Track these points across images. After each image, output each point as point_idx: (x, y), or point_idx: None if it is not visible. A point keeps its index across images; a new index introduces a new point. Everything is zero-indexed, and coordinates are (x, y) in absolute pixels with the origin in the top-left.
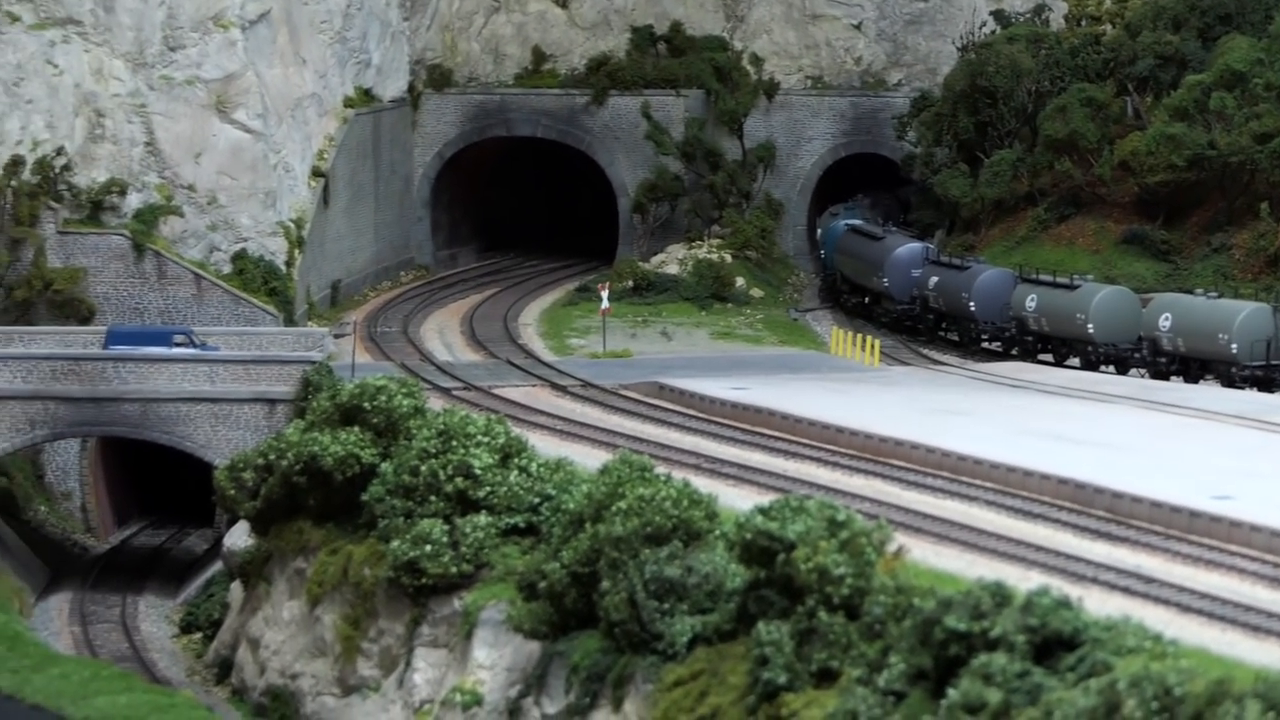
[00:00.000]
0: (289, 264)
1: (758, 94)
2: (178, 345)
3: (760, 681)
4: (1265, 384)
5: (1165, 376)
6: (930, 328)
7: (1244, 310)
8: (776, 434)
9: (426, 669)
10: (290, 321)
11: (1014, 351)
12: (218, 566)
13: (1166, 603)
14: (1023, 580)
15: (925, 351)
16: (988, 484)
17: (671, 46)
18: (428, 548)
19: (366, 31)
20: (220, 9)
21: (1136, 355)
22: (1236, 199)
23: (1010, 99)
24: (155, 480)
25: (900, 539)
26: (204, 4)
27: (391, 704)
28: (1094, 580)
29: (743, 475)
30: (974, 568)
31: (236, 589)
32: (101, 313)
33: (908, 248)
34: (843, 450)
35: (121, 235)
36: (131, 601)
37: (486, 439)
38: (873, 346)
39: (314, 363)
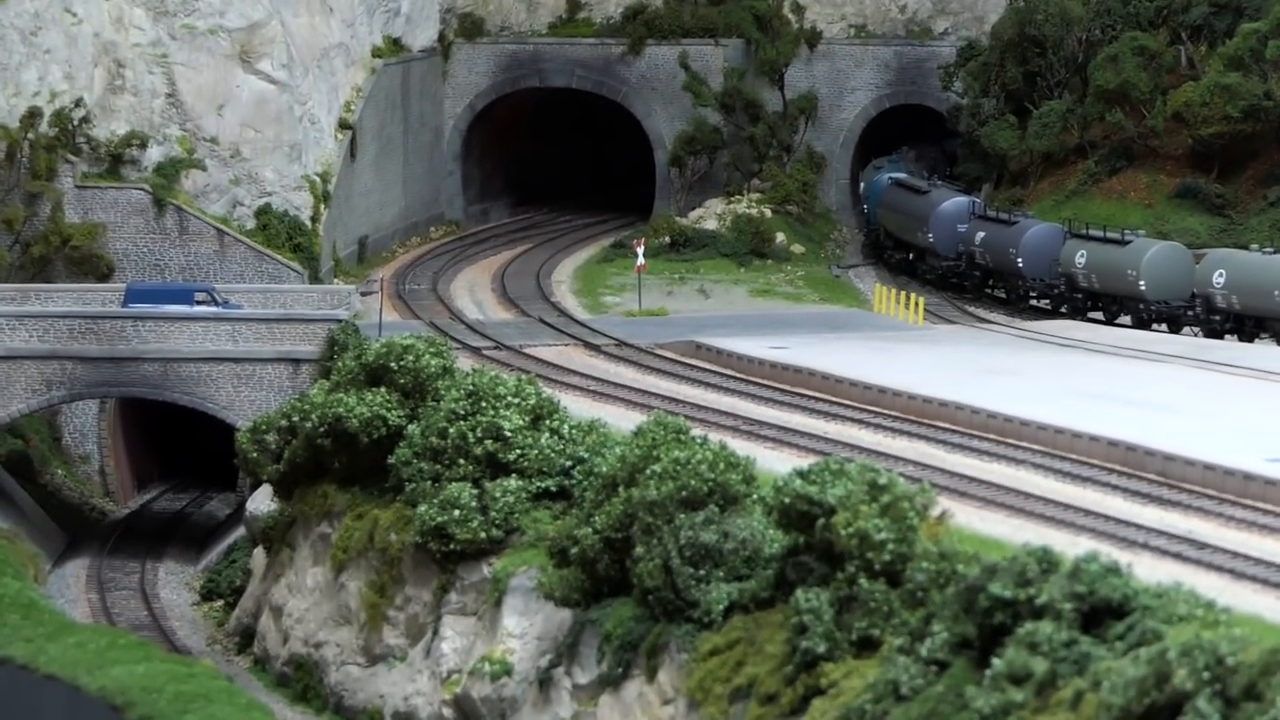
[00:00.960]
0: (314, 219)
1: (799, 43)
2: (199, 303)
3: (799, 650)
4: None
5: (1219, 335)
6: (976, 285)
7: None
8: (817, 395)
9: (454, 638)
10: (315, 279)
11: (1063, 309)
12: (240, 532)
13: (1219, 569)
14: (1070, 546)
15: (971, 309)
16: (1035, 446)
17: None
18: (456, 512)
19: None
20: None
21: (1189, 313)
22: None
23: (1060, 48)
24: (176, 443)
25: (944, 503)
26: None
27: (418, 674)
28: (1144, 546)
29: (782, 437)
30: (1020, 533)
31: (259, 555)
32: (120, 269)
33: (953, 202)
34: (885, 411)
35: (142, 190)
36: (151, 568)
37: (517, 400)
38: (917, 304)
39: (340, 321)
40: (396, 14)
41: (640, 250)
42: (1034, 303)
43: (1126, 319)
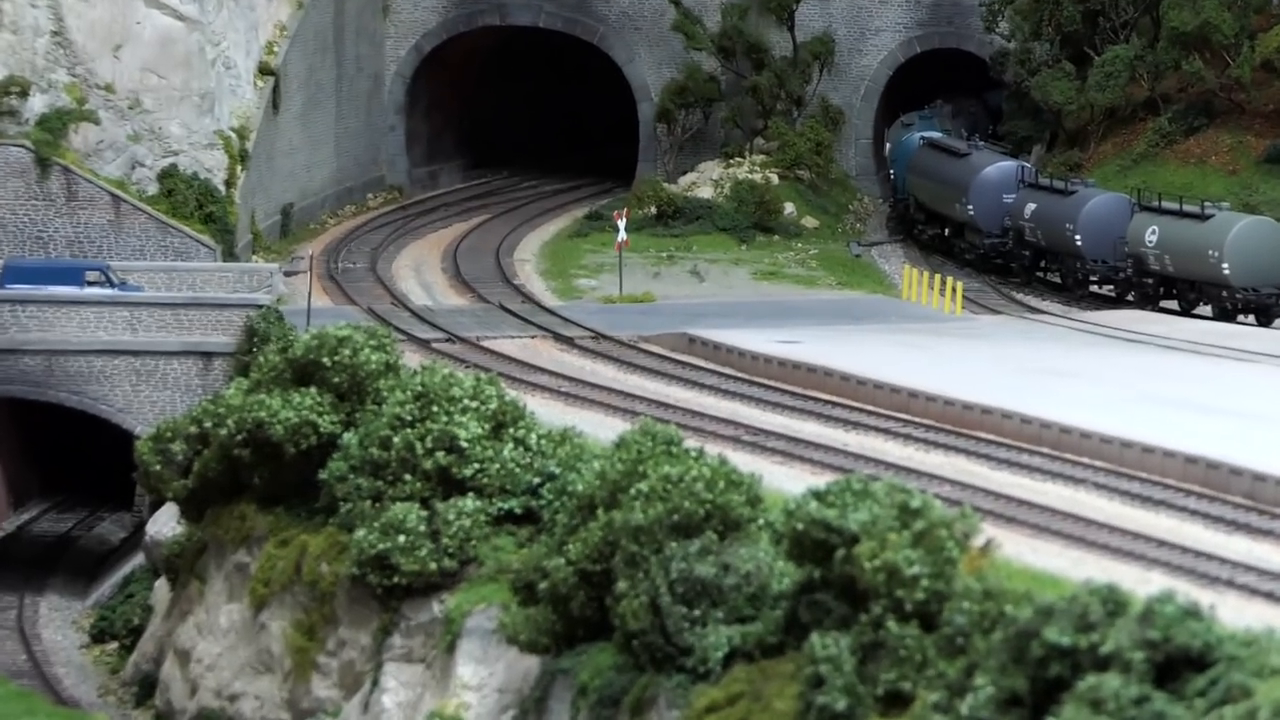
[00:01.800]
0: (229, 184)
1: None
2: (91, 284)
3: (814, 707)
4: None
5: None
6: (1026, 267)
7: None
8: (834, 399)
9: (398, 689)
10: (230, 255)
11: (1130, 297)
12: (138, 560)
13: None
14: (1141, 583)
15: (1020, 297)
16: (1097, 463)
17: None
18: (401, 539)
19: None
20: None
21: None
22: None
23: None
24: (61, 452)
25: (989, 531)
26: None
27: None
28: (1230, 584)
29: (793, 450)
30: (1080, 567)
31: (161, 588)
32: None
33: (998, 167)
34: (917, 420)
35: (21, 147)
36: (30, 603)
37: (475, 404)
38: (954, 290)
39: (260, 307)
40: None
41: (621, 224)
42: (1095, 289)
43: (1207, 309)
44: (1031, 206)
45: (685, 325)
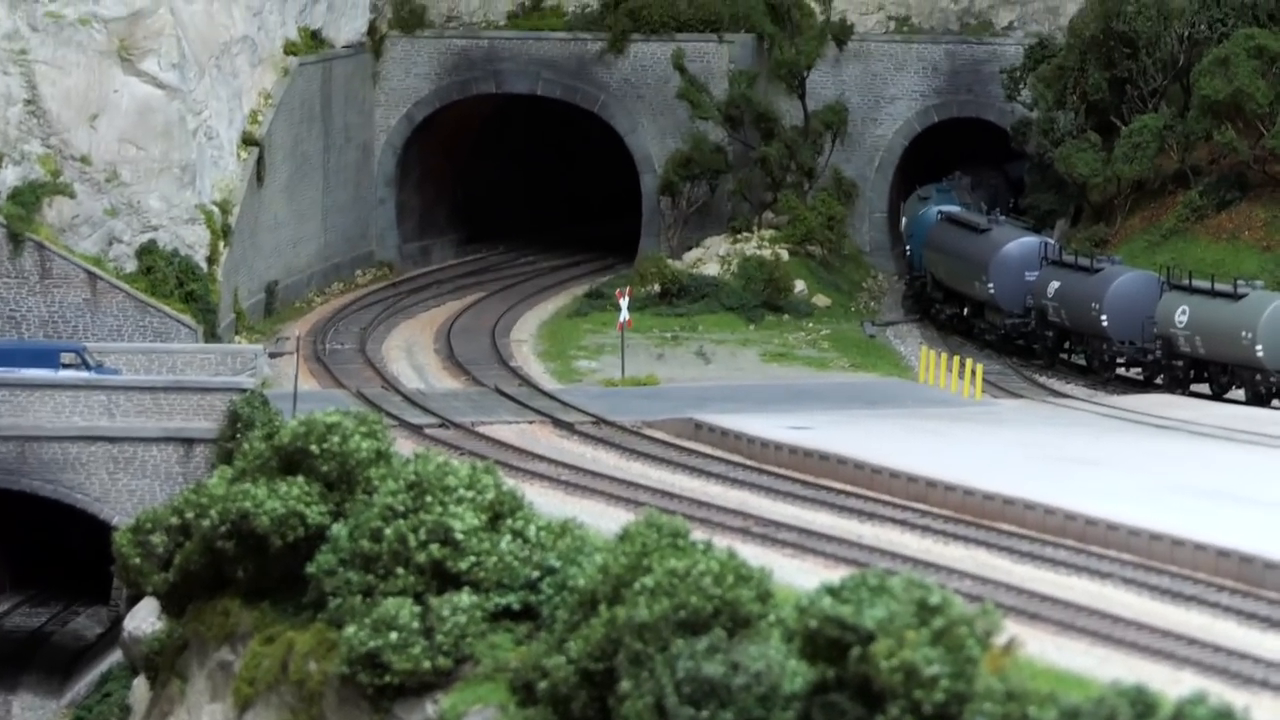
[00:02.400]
0: (211, 260)
1: (825, 40)
2: (66, 367)
3: None
4: None
5: None
6: (1049, 349)
7: None
8: (848, 488)
9: None
10: (212, 336)
11: (1159, 380)
12: (115, 657)
13: None
14: (1171, 683)
15: (1043, 380)
16: (1125, 556)
17: None
18: (393, 636)
19: None
20: None
21: None
22: None
23: (1156, 48)
24: (34, 543)
25: (1012, 628)
26: None
27: None
28: (1264, 684)
29: (805, 543)
30: (1108, 666)
31: (140, 687)
32: None
33: (1020, 243)
34: (935, 510)
35: None
36: (3, 702)
37: (471, 494)
38: (974, 373)
39: (244, 391)
40: (315, 1)
41: (623, 302)
42: (1122, 372)
43: (1240, 393)
44: (1055, 285)
45: (691, 410)
